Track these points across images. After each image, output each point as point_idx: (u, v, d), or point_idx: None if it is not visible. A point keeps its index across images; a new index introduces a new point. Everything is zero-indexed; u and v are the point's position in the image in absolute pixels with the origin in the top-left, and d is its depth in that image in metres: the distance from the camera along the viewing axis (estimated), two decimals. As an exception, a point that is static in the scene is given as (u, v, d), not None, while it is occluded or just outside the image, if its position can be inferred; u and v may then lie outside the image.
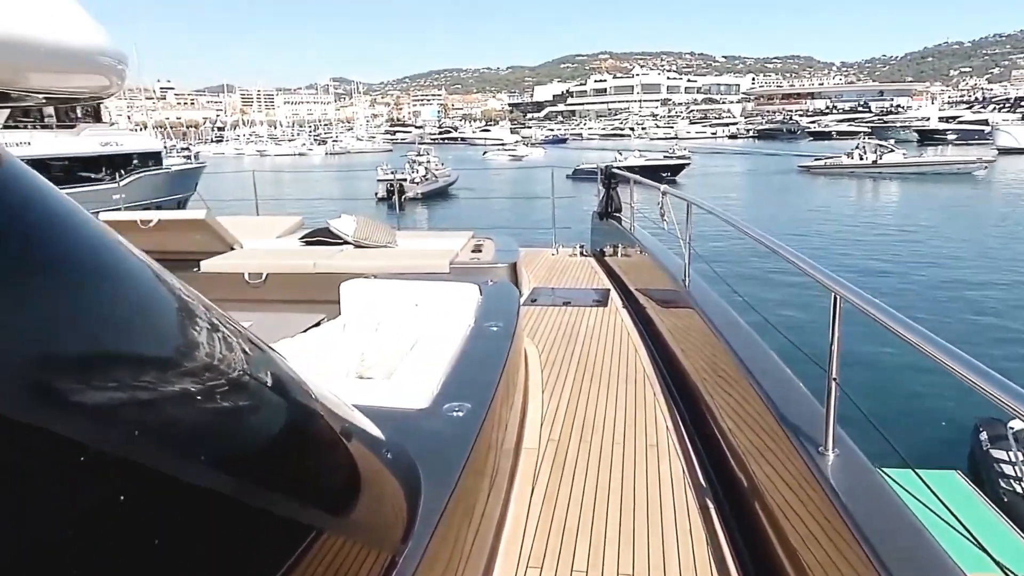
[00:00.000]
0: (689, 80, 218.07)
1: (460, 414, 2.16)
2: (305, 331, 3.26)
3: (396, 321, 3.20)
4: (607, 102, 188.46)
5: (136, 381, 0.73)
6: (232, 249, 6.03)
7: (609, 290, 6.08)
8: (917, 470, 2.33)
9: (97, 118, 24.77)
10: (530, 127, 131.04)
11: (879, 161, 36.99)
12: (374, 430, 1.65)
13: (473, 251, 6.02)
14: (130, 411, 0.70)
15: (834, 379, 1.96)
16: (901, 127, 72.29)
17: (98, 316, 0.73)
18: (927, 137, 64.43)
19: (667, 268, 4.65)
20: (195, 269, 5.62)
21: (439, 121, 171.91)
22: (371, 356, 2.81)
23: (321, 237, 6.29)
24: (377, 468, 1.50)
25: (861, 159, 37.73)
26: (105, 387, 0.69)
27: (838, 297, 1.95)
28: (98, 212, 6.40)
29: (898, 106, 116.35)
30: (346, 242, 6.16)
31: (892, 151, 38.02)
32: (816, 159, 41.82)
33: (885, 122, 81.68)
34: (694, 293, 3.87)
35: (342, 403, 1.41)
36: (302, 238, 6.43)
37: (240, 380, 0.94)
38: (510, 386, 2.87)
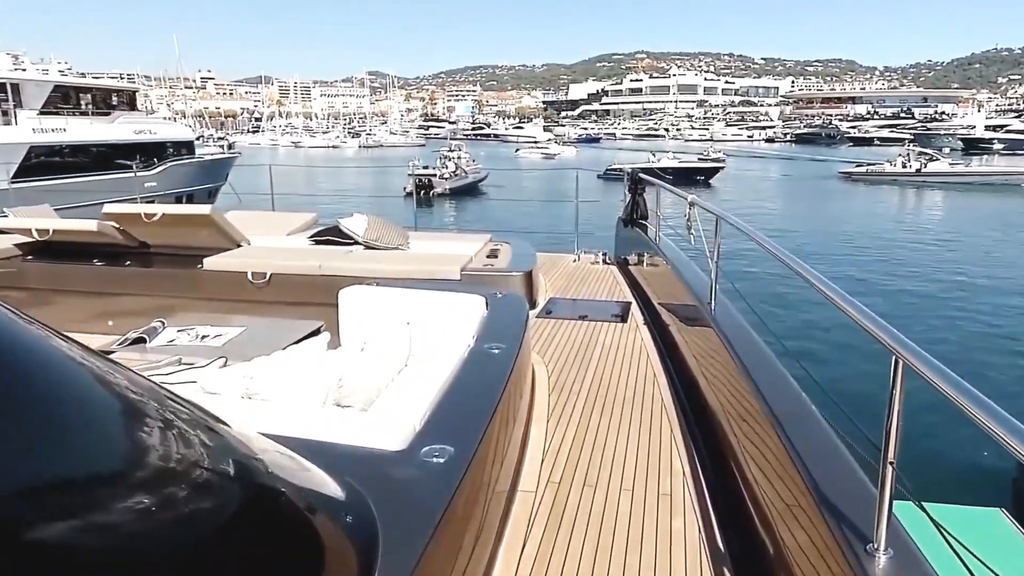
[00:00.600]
0: (727, 81, 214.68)
1: (440, 460, 1.83)
2: (284, 348, 2.96)
3: (388, 339, 2.88)
4: (642, 102, 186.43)
5: (66, 486, 0.73)
6: (239, 246, 5.79)
7: (630, 303, 5.68)
8: (958, 506, 1.96)
9: (132, 106, 25.06)
10: (564, 125, 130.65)
11: (923, 170, 35.93)
12: (333, 490, 1.44)
13: (488, 256, 5.71)
14: (65, 515, 0.70)
15: (891, 463, 1.57)
16: (945, 135, 70.49)
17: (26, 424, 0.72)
18: (972, 146, 62.75)
19: (691, 286, 4.24)
20: (199, 266, 5.40)
21: (473, 117, 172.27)
22: (352, 380, 2.50)
23: (331, 236, 6.02)
24: (333, 542, 1.28)
25: (904, 167, 36.71)
26: (42, 499, 0.69)
27: (900, 362, 1.54)
28: (104, 203, 6.24)
29: (943, 113, 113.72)
30: (356, 242, 5.89)
31: (937, 160, 36.96)
32: (857, 165, 40.87)
33: (929, 129, 79.86)
34: (719, 318, 3.47)
35: (298, 465, 1.34)
36: (311, 237, 6.17)
37: (176, 472, 0.91)
38: (507, 421, 2.54)
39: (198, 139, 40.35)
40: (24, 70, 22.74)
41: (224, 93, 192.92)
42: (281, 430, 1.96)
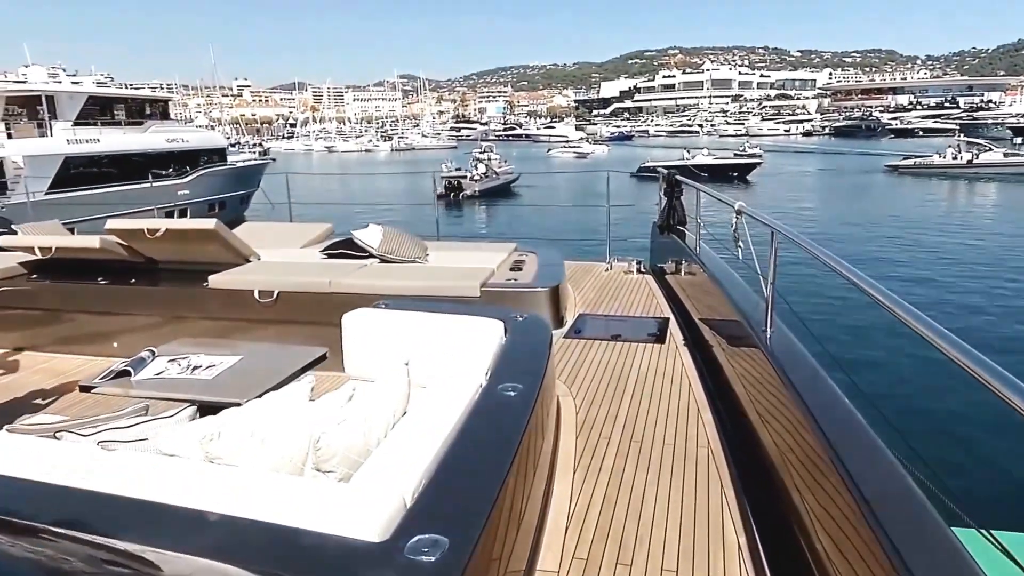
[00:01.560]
0: (762, 75, 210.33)
1: (430, 559, 1.39)
2: (260, 396, 2.55)
3: (381, 385, 2.45)
4: (675, 98, 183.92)
5: None
6: (248, 261, 5.47)
7: (668, 320, 5.17)
8: (996, 532, 1.76)
9: (165, 116, 25.33)
10: (595, 124, 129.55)
11: (975, 161, 34.50)
12: None
13: (512, 268, 5.29)
14: None
15: None
16: (993, 124, 67.97)
17: None
18: (1022, 135, 60.34)
19: (739, 306, 3.66)
20: (204, 283, 5.09)
21: (504, 117, 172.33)
22: (334, 440, 2.07)
23: (344, 250, 5.66)
24: None
25: (955, 159, 35.39)
26: None
27: None
28: (106, 217, 6.01)
29: (989, 102, 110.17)
30: (371, 255, 5.52)
31: (990, 150, 35.43)
32: (904, 158, 39.56)
33: (975, 119, 77.19)
34: (777, 352, 2.93)
35: None
36: (324, 250, 5.81)
37: None
38: (523, 485, 2.08)
39: (233, 146, 40.91)
40: (60, 82, 23.05)
41: (260, 100, 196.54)
42: (241, 507, 1.56)
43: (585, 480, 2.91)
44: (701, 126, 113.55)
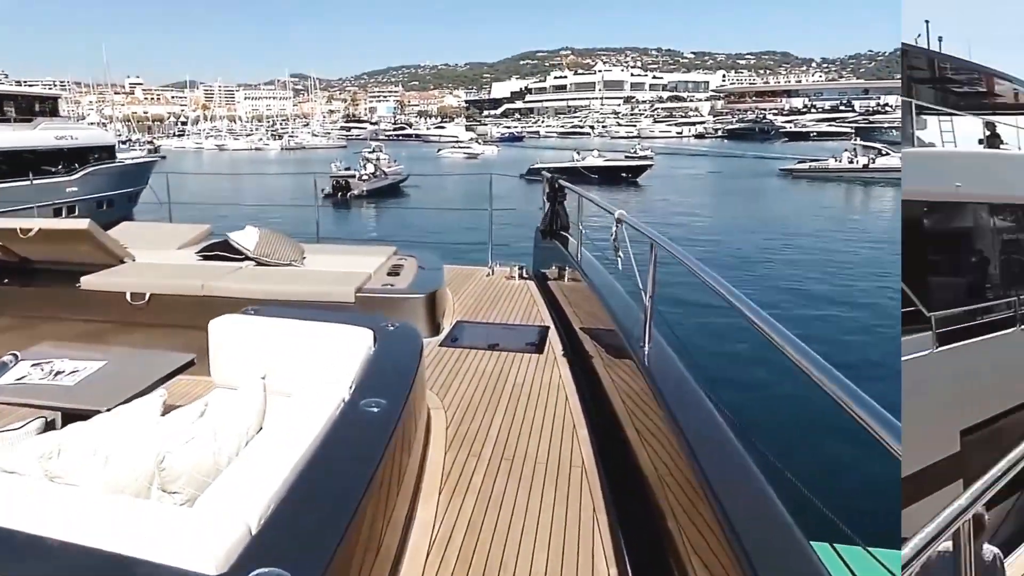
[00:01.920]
0: (655, 77, 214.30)
1: None
2: (149, 386, 2.42)
3: (235, 399, 2.38)
4: (567, 99, 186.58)
5: None
6: (122, 262, 5.27)
7: (548, 329, 5.15)
8: (870, 549, 1.79)
9: (55, 113, 24.85)
10: (486, 124, 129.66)
11: (871, 165, 34.93)
12: None
13: (389, 273, 5.28)
14: None
15: None
16: (890, 128, 68.31)
17: None
18: (921, 139, 63.66)
19: (620, 321, 3.51)
20: (76, 284, 4.90)
21: (395, 117, 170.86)
22: (180, 459, 2.00)
23: (220, 252, 5.52)
24: None
25: (851, 163, 35.81)
26: None
27: None
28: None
29: (886, 105, 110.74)
30: (247, 258, 5.41)
31: (888, 154, 35.35)
32: (799, 162, 39.97)
33: (871, 122, 78.25)
34: (653, 367, 2.82)
35: None
36: (199, 252, 5.64)
37: None
38: (380, 511, 2.03)
39: (124, 143, 39.48)
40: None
41: (152, 98, 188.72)
42: (73, 532, 1.45)
43: (451, 501, 2.81)
44: (593, 127, 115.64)
